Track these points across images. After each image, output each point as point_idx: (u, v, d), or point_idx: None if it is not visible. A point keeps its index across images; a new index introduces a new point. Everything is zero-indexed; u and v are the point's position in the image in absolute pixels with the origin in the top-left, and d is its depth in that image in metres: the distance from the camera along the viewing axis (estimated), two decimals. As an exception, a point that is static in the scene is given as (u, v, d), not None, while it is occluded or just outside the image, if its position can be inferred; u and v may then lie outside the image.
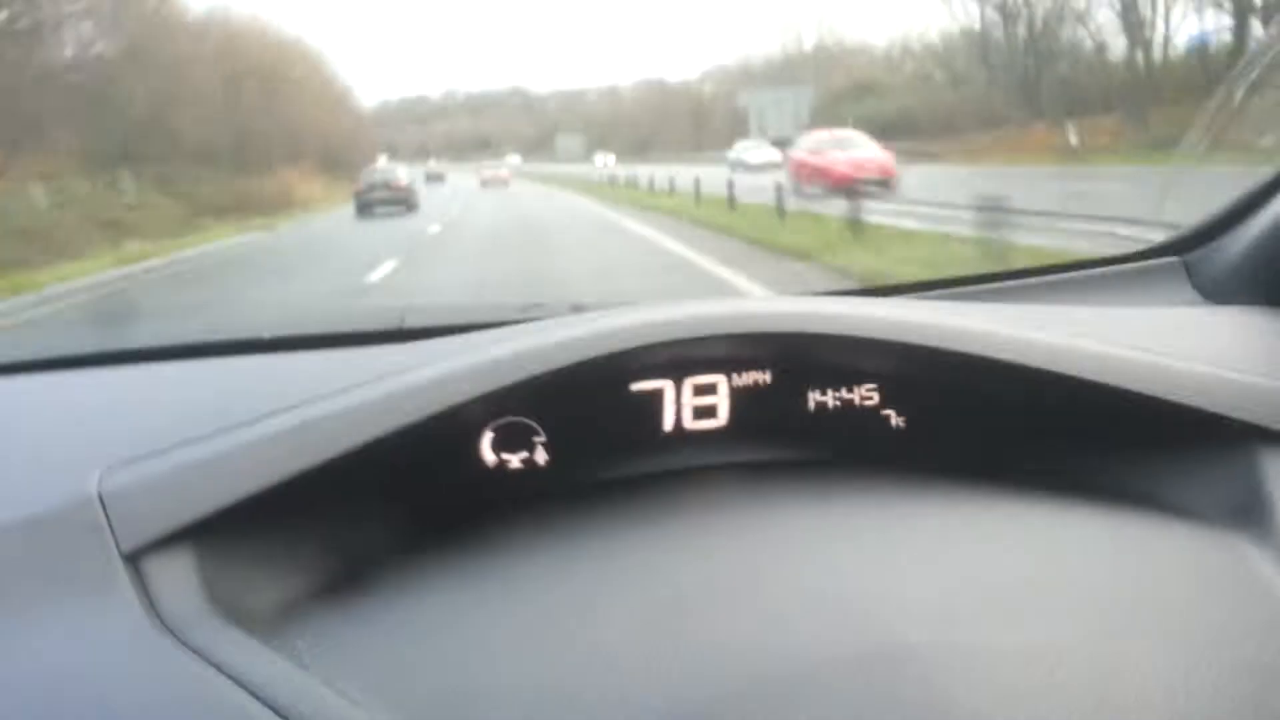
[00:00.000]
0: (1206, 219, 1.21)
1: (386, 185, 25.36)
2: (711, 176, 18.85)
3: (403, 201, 24.57)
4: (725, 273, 8.94)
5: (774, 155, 25.35)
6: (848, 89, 37.94)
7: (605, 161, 47.28)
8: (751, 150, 29.02)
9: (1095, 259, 1.26)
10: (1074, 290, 1.18)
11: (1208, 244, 1.20)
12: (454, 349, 0.82)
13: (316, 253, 15.54)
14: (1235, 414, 0.72)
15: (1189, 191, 1.42)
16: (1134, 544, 0.64)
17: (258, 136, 30.72)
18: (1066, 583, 0.58)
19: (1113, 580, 0.59)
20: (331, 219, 24.43)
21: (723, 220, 13.69)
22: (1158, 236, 1.27)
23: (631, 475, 0.81)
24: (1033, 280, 1.22)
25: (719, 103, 49.95)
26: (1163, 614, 0.55)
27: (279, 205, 26.45)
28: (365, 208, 24.26)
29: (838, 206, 11.43)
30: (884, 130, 24.75)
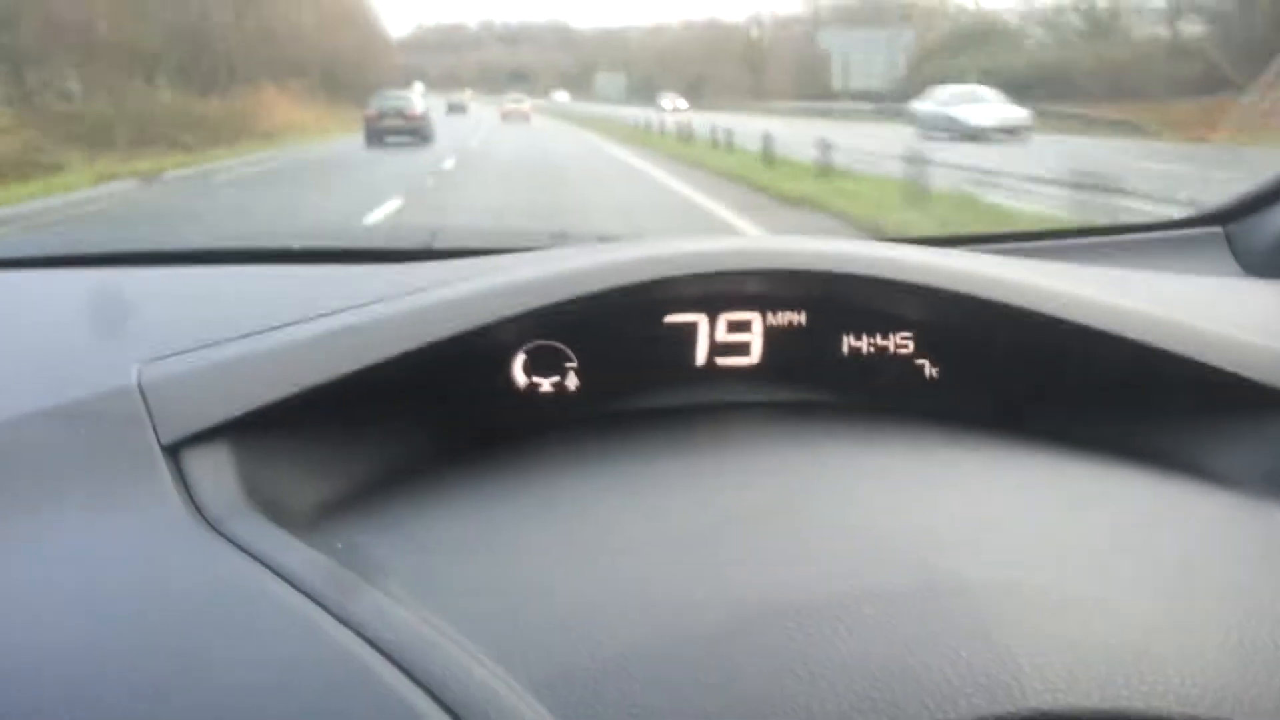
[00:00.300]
0: (1251, 191, 1.20)
1: (399, 114, 22.99)
2: (784, 133, 14.61)
3: (415, 132, 22.43)
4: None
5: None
6: (953, 38, 30.27)
7: (673, 104, 38.41)
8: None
9: (1137, 224, 1.25)
10: (1113, 253, 1.16)
11: (1251, 216, 1.19)
12: (485, 269, 0.82)
13: (301, 186, 12.69)
14: (1273, 381, 0.71)
15: None
16: (1168, 504, 0.64)
17: (216, 42, 25.67)
18: (1102, 536, 0.58)
19: (1147, 537, 0.59)
20: (329, 149, 21.32)
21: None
22: None
23: (661, 407, 0.81)
24: (1073, 241, 1.21)
25: (785, 46, 44.76)
26: (1196, 572, 0.54)
27: (241, 131, 22.25)
28: (375, 136, 22.07)
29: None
30: (1019, 89, 19.28)
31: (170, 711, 0.43)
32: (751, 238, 0.87)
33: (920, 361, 0.84)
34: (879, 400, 0.82)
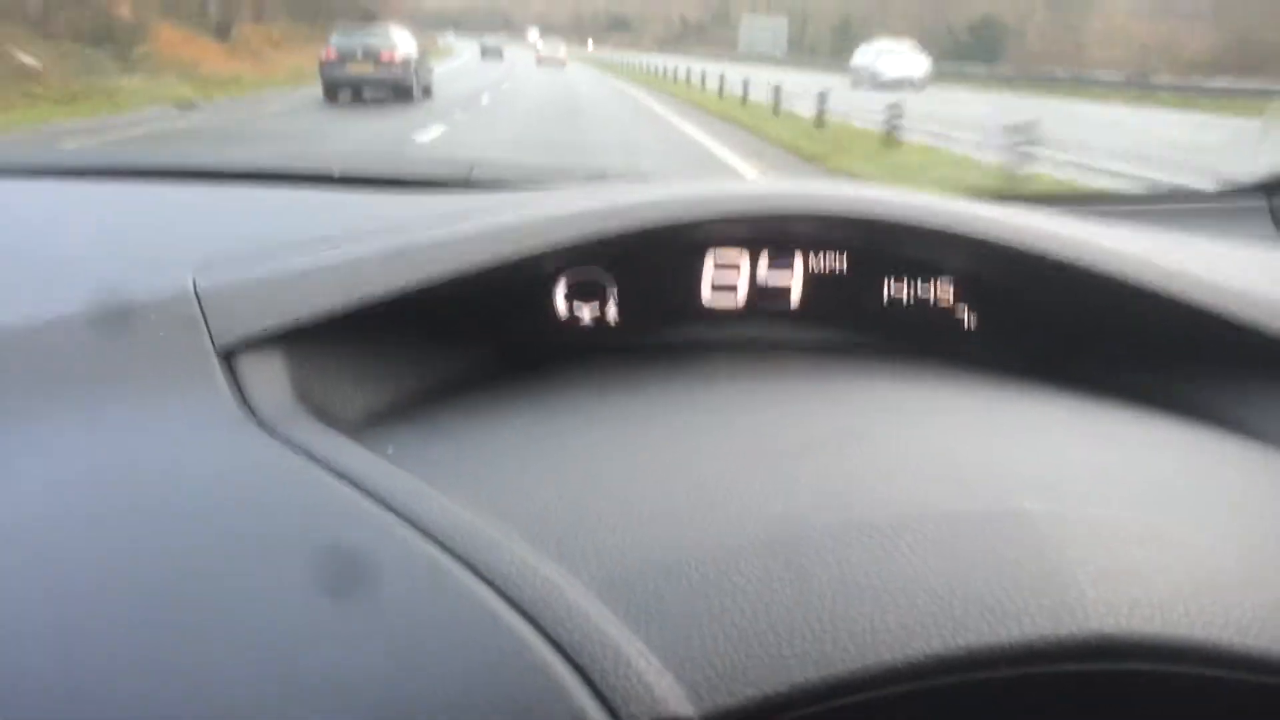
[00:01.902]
0: None
1: (369, 57, 16.26)
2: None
3: (393, 84, 16.21)
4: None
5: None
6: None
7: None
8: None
9: (1181, 192, 1.24)
10: (1155, 220, 1.16)
11: None
12: (526, 201, 0.83)
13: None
14: None
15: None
16: (1213, 454, 0.64)
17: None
18: (1153, 478, 0.58)
19: (1195, 481, 0.59)
20: (268, 108, 15.02)
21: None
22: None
23: (701, 342, 0.82)
24: (1114, 206, 1.20)
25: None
26: (1247, 516, 0.55)
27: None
28: (334, 88, 16.24)
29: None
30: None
31: (234, 604, 0.44)
32: (797, 181, 0.87)
33: (960, 311, 0.84)
34: (917, 346, 0.82)
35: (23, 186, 1.03)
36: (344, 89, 16.63)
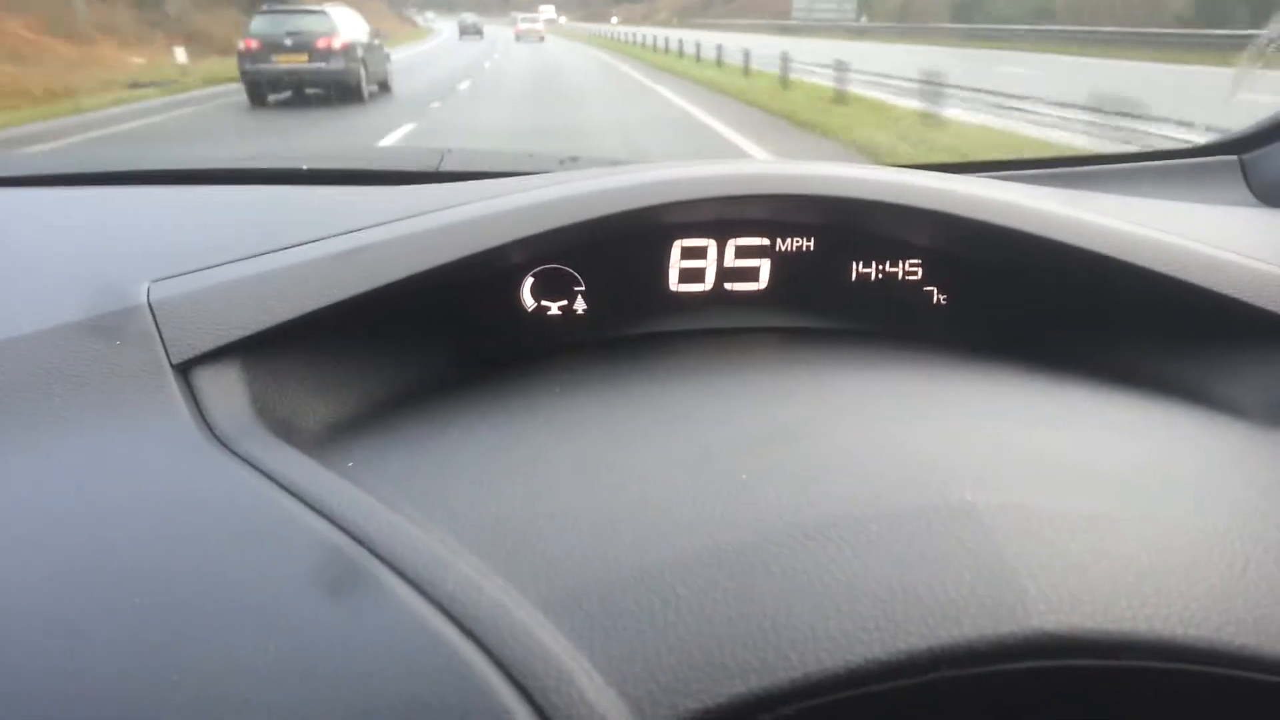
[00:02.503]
0: (1268, 120, 1.18)
1: (302, 45, 12.53)
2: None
3: (335, 81, 12.61)
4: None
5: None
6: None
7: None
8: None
9: (1151, 151, 1.23)
10: (1127, 180, 1.15)
11: (1267, 145, 1.17)
12: (494, 191, 0.82)
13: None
14: None
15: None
16: (1177, 432, 0.64)
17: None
18: (1109, 461, 0.58)
19: (1154, 463, 0.59)
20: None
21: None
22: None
23: (669, 332, 0.81)
24: (1085, 169, 1.20)
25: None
26: (1204, 499, 0.55)
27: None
28: (258, 89, 12.71)
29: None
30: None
31: (185, 626, 0.44)
32: (762, 162, 0.86)
33: (928, 288, 0.84)
34: (886, 327, 0.82)
35: None
36: (274, 89, 12.77)
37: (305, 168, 1.11)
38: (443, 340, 0.75)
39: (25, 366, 0.59)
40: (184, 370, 0.60)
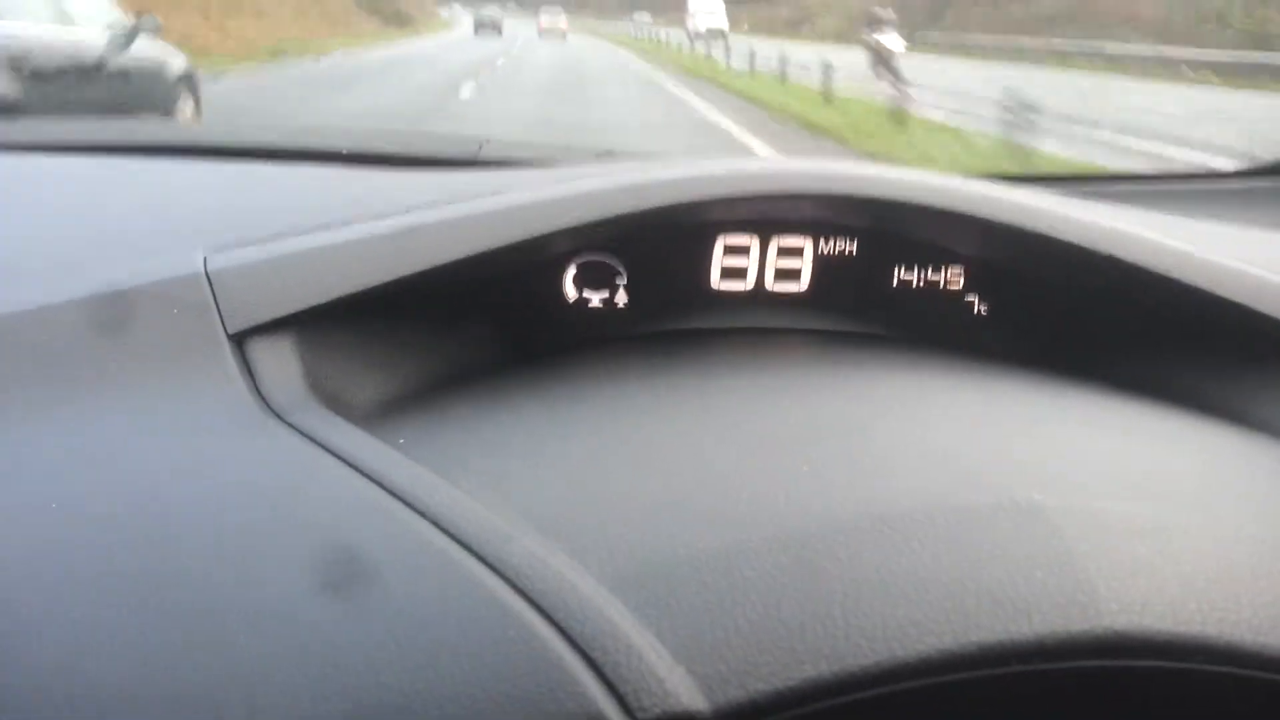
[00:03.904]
0: None
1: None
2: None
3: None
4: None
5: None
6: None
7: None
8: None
9: (1197, 172, 1.23)
10: (1171, 200, 1.15)
11: None
12: (537, 181, 0.82)
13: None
14: None
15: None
16: (1226, 450, 0.64)
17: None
18: (1165, 471, 0.58)
19: (1208, 476, 0.59)
20: None
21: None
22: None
23: (709, 330, 0.81)
24: (1128, 186, 1.19)
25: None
26: (1260, 513, 0.54)
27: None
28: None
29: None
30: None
31: (241, 592, 0.44)
32: (810, 161, 0.86)
33: (970, 298, 0.84)
34: (926, 335, 0.82)
35: (27, 163, 1.03)
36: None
37: (346, 149, 1.12)
38: (486, 326, 0.75)
39: (80, 329, 0.60)
40: (239, 341, 0.60)
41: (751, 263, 0.82)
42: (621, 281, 0.80)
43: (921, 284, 0.83)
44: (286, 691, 0.40)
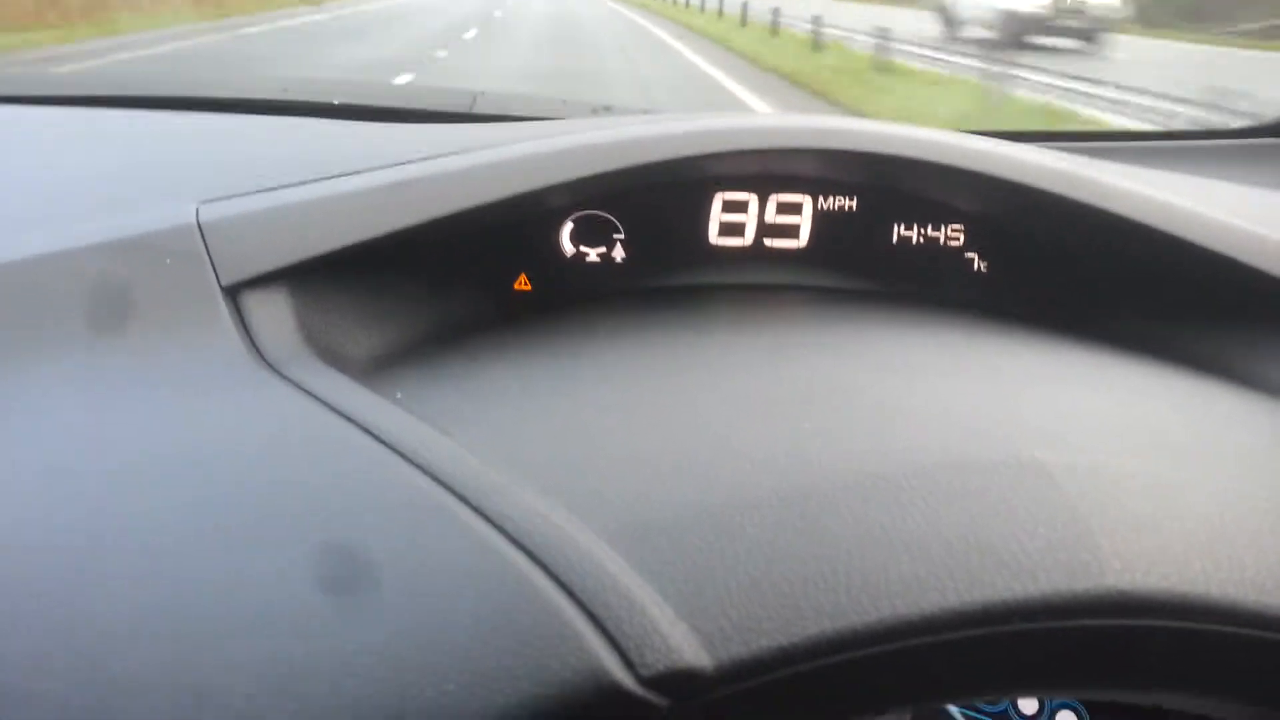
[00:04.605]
0: None
1: None
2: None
3: None
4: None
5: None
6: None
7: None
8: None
9: (1197, 130, 1.22)
10: (1174, 158, 1.14)
11: None
12: (531, 134, 0.81)
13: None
14: None
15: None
16: (1225, 408, 0.64)
17: None
18: (1166, 429, 0.58)
19: (1210, 434, 0.59)
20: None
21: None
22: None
23: (707, 285, 0.81)
24: (1129, 144, 1.18)
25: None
26: (1261, 473, 0.54)
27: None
28: None
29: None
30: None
31: (237, 544, 0.44)
32: (808, 116, 0.85)
33: (970, 255, 0.83)
34: (925, 291, 0.81)
35: (19, 114, 1.01)
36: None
37: (339, 102, 1.10)
38: (483, 280, 0.75)
39: (72, 281, 0.59)
40: (232, 293, 0.60)
41: (750, 218, 0.82)
42: (619, 236, 0.80)
43: (921, 241, 0.83)
44: (281, 646, 0.39)
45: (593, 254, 0.80)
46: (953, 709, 0.82)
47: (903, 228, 0.83)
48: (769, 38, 16.17)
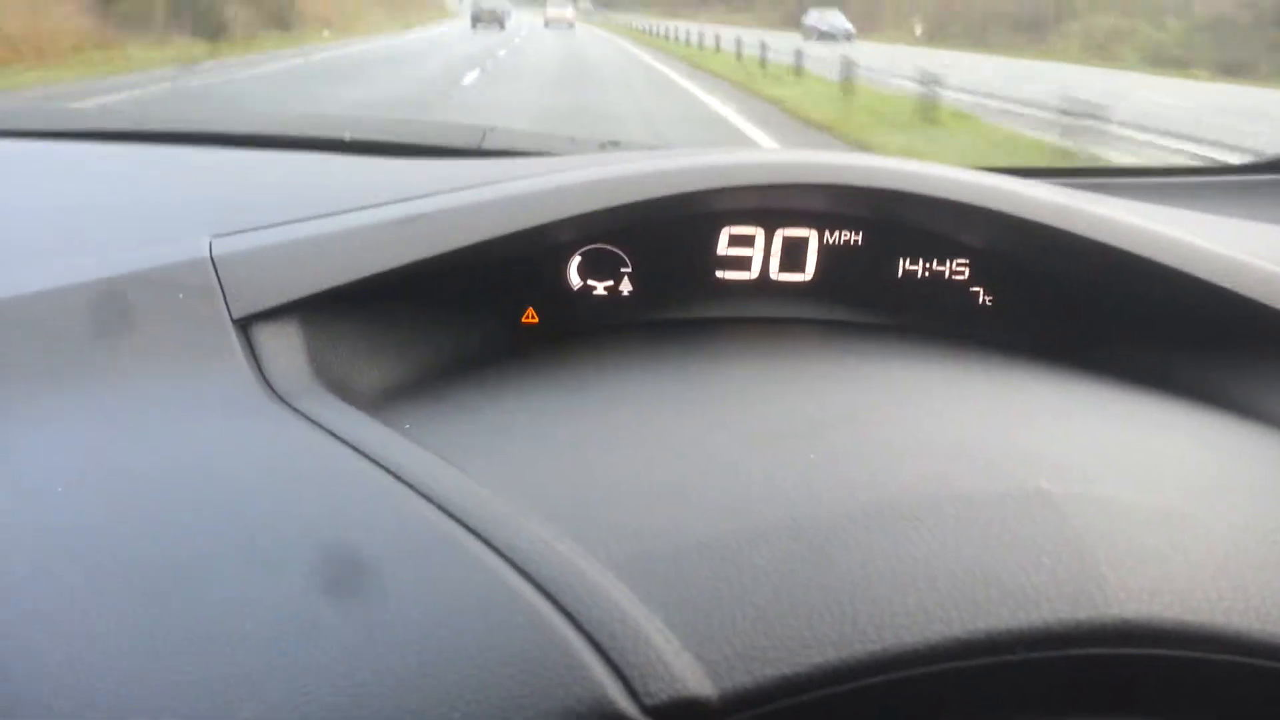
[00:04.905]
0: None
1: None
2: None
3: None
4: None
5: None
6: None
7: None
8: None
9: (1201, 167, 1.23)
10: (1174, 194, 1.14)
11: None
12: (540, 170, 0.82)
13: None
14: None
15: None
16: (1231, 441, 0.64)
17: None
18: (1172, 462, 0.58)
19: (1215, 467, 0.59)
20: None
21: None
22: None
23: (714, 318, 0.81)
24: (1134, 180, 1.19)
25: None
26: (1266, 505, 0.54)
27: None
28: None
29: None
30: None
31: (247, 574, 0.44)
32: (814, 151, 0.86)
33: (975, 289, 0.84)
34: (930, 325, 0.82)
35: (34, 148, 1.03)
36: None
37: (349, 138, 1.12)
38: (491, 313, 0.75)
39: (87, 313, 0.60)
40: (244, 326, 0.60)
41: (756, 252, 0.82)
42: (626, 270, 0.80)
43: (926, 275, 0.83)
44: (292, 676, 0.39)
45: (600, 287, 0.80)
46: None
47: (908, 262, 0.83)
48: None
